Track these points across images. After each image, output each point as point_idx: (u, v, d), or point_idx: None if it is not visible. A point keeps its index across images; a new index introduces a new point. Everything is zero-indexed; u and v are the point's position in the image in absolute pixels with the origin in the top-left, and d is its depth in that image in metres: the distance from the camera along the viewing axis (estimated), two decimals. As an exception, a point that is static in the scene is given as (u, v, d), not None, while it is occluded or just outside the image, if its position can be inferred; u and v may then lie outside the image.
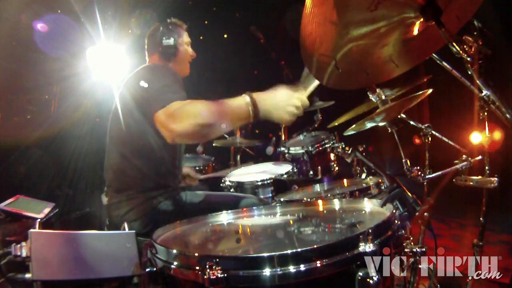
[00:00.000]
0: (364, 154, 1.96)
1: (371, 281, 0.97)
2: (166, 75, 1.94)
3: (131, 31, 3.86)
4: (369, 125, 1.98)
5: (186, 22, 2.41)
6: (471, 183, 2.06)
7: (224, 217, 1.68)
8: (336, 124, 2.64)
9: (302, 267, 0.98)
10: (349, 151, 2.01)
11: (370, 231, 1.02)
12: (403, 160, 2.07)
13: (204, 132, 1.66)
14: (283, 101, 1.62)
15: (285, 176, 2.83)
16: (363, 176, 2.67)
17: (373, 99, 1.93)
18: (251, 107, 1.59)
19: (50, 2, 3.86)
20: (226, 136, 4.04)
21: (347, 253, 1.01)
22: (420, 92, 1.92)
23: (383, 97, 1.88)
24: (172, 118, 1.62)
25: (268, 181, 2.77)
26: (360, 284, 0.99)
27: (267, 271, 0.98)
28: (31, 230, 1.32)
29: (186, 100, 1.73)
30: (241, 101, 1.61)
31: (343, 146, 2.46)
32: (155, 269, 1.19)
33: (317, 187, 2.56)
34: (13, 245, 1.32)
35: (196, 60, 2.43)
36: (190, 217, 1.67)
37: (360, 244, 1.01)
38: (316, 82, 1.71)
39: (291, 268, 0.98)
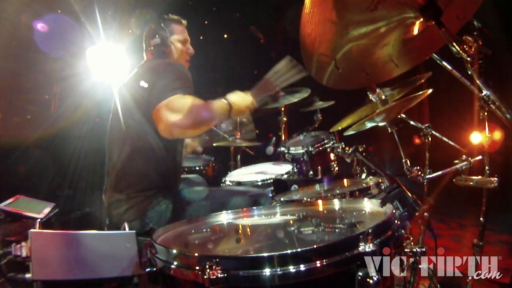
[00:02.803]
0: (364, 154, 1.96)
1: (371, 281, 0.97)
2: (168, 72, 1.97)
3: (131, 31, 3.85)
4: (369, 125, 1.98)
5: (184, 18, 2.39)
6: (471, 183, 2.06)
7: (224, 217, 1.68)
8: (340, 128, 2.63)
9: (302, 267, 0.98)
10: (349, 151, 2.00)
11: (370, 231, 1.02)
12: (403, 160, 2.06)
13: (198, 125, 1.96)
14: (246, 103, 2.03)
15: (285, 176, 2.83)
16: (363, 176, 2.67)
17: (373, 99, 1.93)
18: (228, 108, 1.96)
19: (50, 2, 3.86)
20: (226, 136, 4.04)
21: (347, 253, 1.01)
22: (420, 92, 1.91)
23: (383, 97, 1.88)
24: (171, 110, 1.83)
25: (268, 181, 2.77)
26: (360, 284, 0.99)
27: (267, 271, 0.98)
28: (31, 230, 1.32)
29: (187, 94, 1.88)
30: (222, 103, 1.97)
31: (343, 146, 2.45)
32: (155, 269, 1.19)
33: (317, 187, 2.55)
34: (13, 245, 1.32)
35: (196, 60, 2.42)
36: (190, 216, 1.67)
37: (360, 244, 1.01)
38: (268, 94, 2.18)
39: (291, 268, 0.98)
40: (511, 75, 3.59)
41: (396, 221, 1.20)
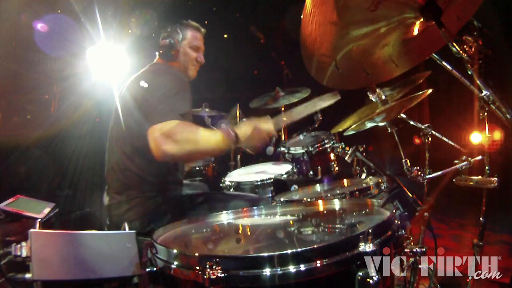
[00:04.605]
0: (364, 154, 1.96)
1: (371, 281, 0.97)
2: (169, 81, 1.96)
3: (131, 31, 3.86)
4: (369, 125, 1.98)
5: (185, 19, 2.37)
6: (471, 183, 2.06)
7: (224, 217, 1.68)
8: (340, 129, 2.63)
9: (302, 267, 0.98)
10: (349, 151, 2.00)
11: (370, 231, 1.03)
12: (403, 160, 2.06)
13: (193, 157, 2.00)
14: (257, 135, 1.87)
15: (285, 176, 2.83)
16: (363, 176, 2.67)
17: (373, 99, 1.93)
18: (233, 140, 1.80)
19: (50, 2, 3.86)
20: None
21: (347, 253, 1.01)
22: (420, 92, 1.91)
23: (383, 97, 1.88)
24: (166, 139, 1.72)
25: (268, 181, 2.77)
26: (360, 284, 0.99)
27: (267, 271, 0.98)
28: (31, 230, 1.32)
29: (183, 114, 1.81)
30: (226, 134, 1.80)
31: (343, 146, 2.45)
32: (155, 269, 1.19)
33: (317, 187, 2.55)
34: (13, 245, 1.32)
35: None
36: (190, 217, 1.67)
37: (360, 244, 1.01)
38: (289, 119, 2.03)
39: (291, 268, 0.98)
40: (511, 75, 3.59)
41: (396, 221, 1.20)
